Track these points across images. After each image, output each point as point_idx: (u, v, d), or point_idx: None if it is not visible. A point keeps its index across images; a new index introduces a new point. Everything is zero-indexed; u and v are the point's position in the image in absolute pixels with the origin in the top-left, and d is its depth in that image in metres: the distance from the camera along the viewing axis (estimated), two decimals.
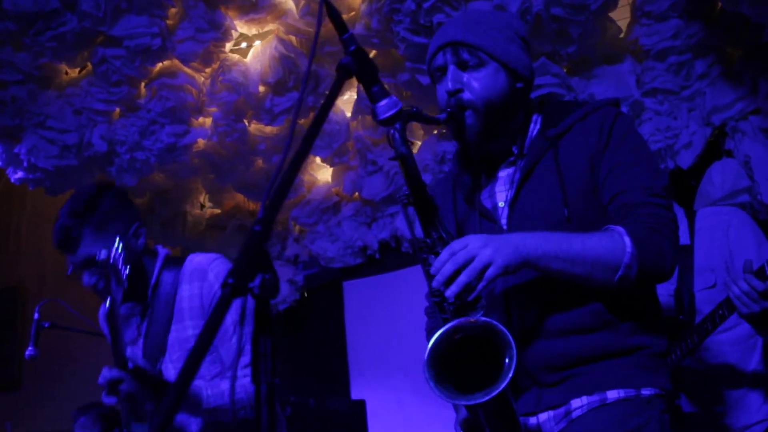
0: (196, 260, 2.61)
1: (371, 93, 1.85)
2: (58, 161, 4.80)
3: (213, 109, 4.90)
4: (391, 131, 1.84)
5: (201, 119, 5.01)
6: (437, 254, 1.78)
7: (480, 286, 1.70)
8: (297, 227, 5.88)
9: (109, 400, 2.30)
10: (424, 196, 1.86)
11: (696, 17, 4.04)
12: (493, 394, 1.63)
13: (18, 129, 4.83)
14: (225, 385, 2.43)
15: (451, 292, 1.70)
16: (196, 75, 4.82)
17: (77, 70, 4.87)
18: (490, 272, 1.69)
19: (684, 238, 3.00)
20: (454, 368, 1.72)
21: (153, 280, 2.56)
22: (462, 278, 1.68)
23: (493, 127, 1.98)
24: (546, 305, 1.88)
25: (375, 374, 5.53)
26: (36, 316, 4.34)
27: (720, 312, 2.64)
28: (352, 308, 5.85)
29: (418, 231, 1.88)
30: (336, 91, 1.70)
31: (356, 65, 1.78)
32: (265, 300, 1.25)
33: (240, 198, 5.97)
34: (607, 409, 1.84)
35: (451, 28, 2.03)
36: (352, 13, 4.56)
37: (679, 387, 2.87)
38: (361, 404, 4.88)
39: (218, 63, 4.73)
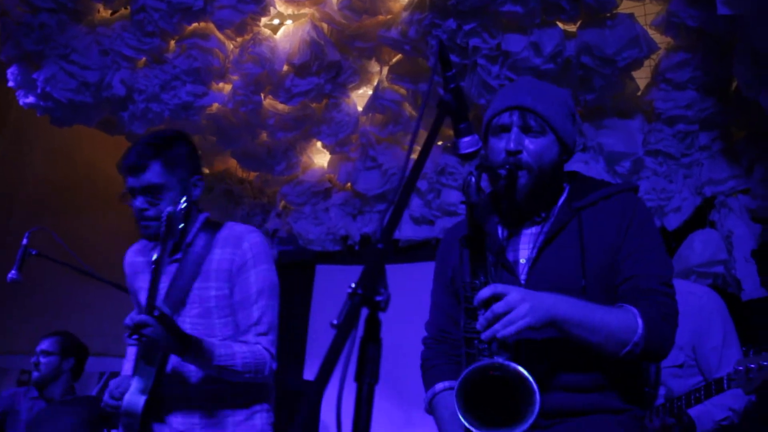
0: (234, 228, 2.75)
1: (458, 129, 2.02)
2: (73, 95, 4.85)
3: (235, 78, 5.00)
4: (470, 178, 1.97)
5: (221, 84, 5.10)
6: None
7: (509, 331, 1.86)
8: (282, 203, 6.00)
9: (130, 342, 2.43)
10: (480, 244, 2.01)
11: (711, 94, 4.30)
12: None
13: (39, 56, 4.86)
14: (237, 347, 2.55)
15: (486, 335, 1.88)
16: (227, 42, 4.91)
17: (110, 11, 4.92)
18: (520, 324, 1.86)
19: None
20: (477, 401, 1.88)
21: (189, 238, 2.69)
22: (497, 326, 1.86)
23: (538, 190, 2.15)
24: (552, 365, 2.07)
25: None
26: (24, 241, 4.40)
27: (696, 395, 2.93)
28: (321, 291, 6.00)
29: (467, 273, 2.04)
30: (438, 125, 1.87)
31: (455, 103, 1.95)
32: (380, 311, 1.42)
33: (232, 163, 6.07)
34: None
35: (522, 94, 2.17)
36: (390, 16, 4.70)
37: None
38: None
39: (251, 35, 4.83)
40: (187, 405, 2.65)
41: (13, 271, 4.33)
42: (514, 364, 1.85)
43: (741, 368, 2.84)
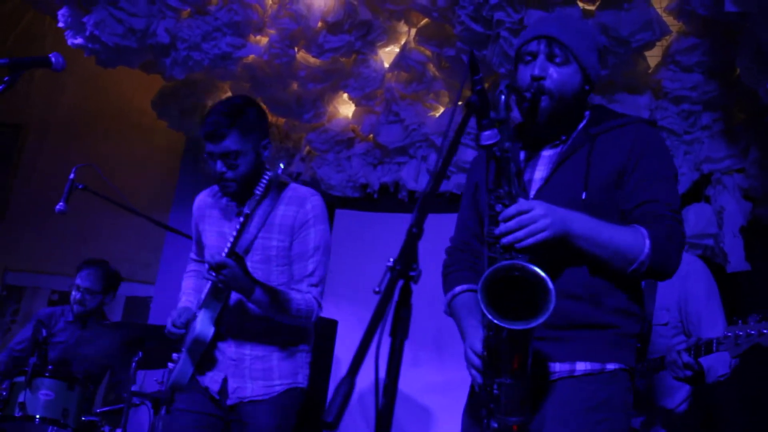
0: (299, 190, 3.13)
1: (481, 124, 2.34)
2: (120, 40, 5.16)
3: (272, 32, 5.31)
4: (500, 96, 2.19)
5: (259, 37, 5.41)
6: (504, 205, 2.14)
7: (528, 242, 2.09)
8: (307, 149, 6.35)
9: (209, 277, 2.81)
10: (508, 156, 2.19)
11: (716, 78, 4.61)
12: (532, 325, 1.97)
13: (89, 0, 5.16)
14: (293, 295, 2.95)
15: (506, 240, 2.11)
16: None
17: None
18: (539, 237, 2.10)
19: None
20: (498, 298, 2.03)
21: (259, 192, 2.93)
22: (519, 234, 2.09)
23: (558, 115, 2.37)
24: (551, 266, 2.18)
25: (346, 298, 6.07)
26: (72, 176, 4.78)
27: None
28: (339, 234, 6.33)
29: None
30: (464, 124, 2.21)
31: (480, 104, 2.29)
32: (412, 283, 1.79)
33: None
34: (575, 382, 2.25)
35: (551, 25, 2.36)
36: None
37: None
38: (333, 324, 5.39)
39: None
40: (241, 337, 3.06)
41: (61, 203, 4.69)
42: (533, 266, 2.01)
43: (730, 334, 3.19)
